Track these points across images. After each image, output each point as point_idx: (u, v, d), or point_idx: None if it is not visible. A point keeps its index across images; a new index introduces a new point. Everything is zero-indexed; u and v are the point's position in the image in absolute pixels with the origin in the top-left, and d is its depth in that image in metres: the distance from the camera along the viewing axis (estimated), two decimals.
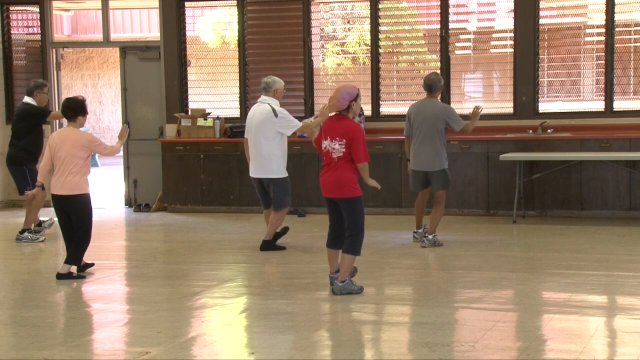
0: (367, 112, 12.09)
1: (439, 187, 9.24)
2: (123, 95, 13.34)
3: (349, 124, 6.95)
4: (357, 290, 7.03)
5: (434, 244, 9.16)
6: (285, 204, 9.21)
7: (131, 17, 18.66)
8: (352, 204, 6.94)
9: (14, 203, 13.28)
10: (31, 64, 13.49)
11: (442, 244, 9.21)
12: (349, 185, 6.91)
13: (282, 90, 9.29)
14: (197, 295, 7.20)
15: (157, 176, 12.75)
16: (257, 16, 12.70)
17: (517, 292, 7.18)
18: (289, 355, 5.47)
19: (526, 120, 11.58)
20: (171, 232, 10.95)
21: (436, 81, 9.21)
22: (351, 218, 6.97)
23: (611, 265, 8.15)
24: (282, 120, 9.06)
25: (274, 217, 9.20)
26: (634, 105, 11.56)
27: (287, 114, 9.16)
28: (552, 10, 12.47)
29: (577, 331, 5.91)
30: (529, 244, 9.45)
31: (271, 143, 9.08)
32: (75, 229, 7.96)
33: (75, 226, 7.97)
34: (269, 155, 9.10)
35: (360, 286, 7.10)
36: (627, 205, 10.88)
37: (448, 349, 5.50)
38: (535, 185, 11.15)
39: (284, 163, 9.17)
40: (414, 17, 12.51)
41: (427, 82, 9.25)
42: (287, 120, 9.10)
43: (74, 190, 7.92)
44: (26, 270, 8.76)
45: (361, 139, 6.91)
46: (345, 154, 6.90)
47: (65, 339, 6.03)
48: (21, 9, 13.54)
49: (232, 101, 12.83)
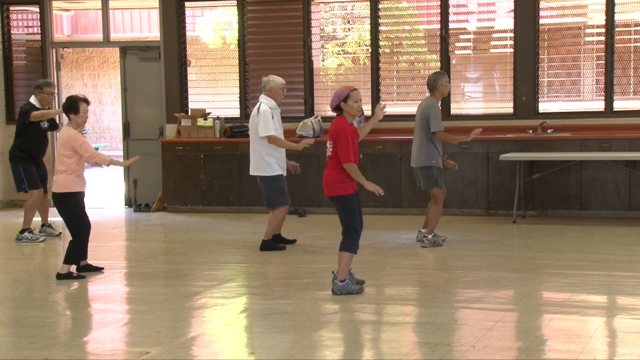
0: (367, 112, 12.07)
1: (424, 185, 9.24)
2: (123, 95, 13.34)
3: (336, 123, 7.06)
4: (356, 290, 7.03)
5: (433, 244, 9.15)
6: (277, 202, 9.18)
7: (131, 17, 18.67)
8: (338, 202, 7.04)
9: (14, 203, 13.29)
10: (31, 64, 13.50)
11: (442, 244, 9.20)
12: (335, 183, 7.01)
13: (278, 90, 9.24)
14: (197, 295, 7.19)
15: (157, 176, 12.75)
16: (257, 16, 12.70)
17: (517, 292, 7.18)
18: (289, 355, 5.47)
19: (526, 120, 11.58)
20: (171, 232, 10.95)
21: (431, 80, 9.21)
22: (341, 216, 7.06)
23: (611, 265, 8.15)
24: (260, 120, 9.08)
25: (271, 216, 9.23)
26: (634, 105, 11.56)
27: (267, 116, 9.05)
28: (552, 10, 12.47)
29: (577, 331, 5.91)
30: (529, 244, 9.45)
31: (261, 141, 9.11)
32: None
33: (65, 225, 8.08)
34: (259, 153, 9.15)
35: (360, 286, 7.10)
36: (627, 205, 10.88)
37: (448, 349, 5.50)
38: (535, 185, 11.15)
39: (273, 161, 9.14)
40: (414, 17, 12.51)
41: (426, 81, 9.30)
42: (262, 123, 9.06)
43: (59, 188, 7.94)
44: (26, 270, 8.76)
45: (342, 139, 6.94)
46: (333, 153, 7.02)
47: (65, 339, 6.03)
48: (21, 9, 13.54)
49: (232, 101, 12.84)
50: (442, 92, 9.21)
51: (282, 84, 9.33)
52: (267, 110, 9.10)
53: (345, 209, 7.01)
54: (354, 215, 7.02)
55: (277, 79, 9.32)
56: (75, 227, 8.00)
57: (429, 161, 9.13)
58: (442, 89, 9.18)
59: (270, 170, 9.14)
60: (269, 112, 9.09)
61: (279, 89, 9.27)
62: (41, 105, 10.20)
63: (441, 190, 9.23)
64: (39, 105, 10.19)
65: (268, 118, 9.06)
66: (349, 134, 6.97)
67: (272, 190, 9.17)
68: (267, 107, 9.14)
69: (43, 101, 10.22)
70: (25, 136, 10.17)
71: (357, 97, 7.05)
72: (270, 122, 9.07)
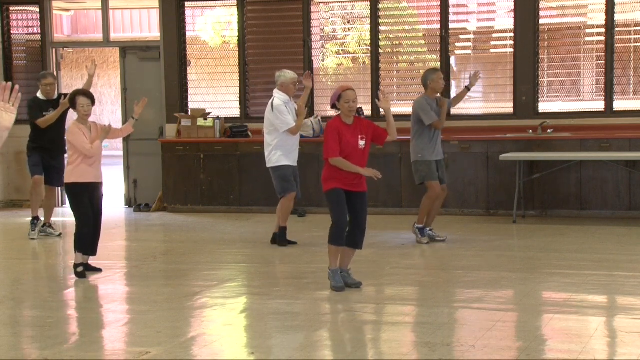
0: (367, 112, 12.08)
1: (415, 179, 9.44)
2: (123, 95, 13.34)
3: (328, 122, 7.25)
4: (333, 285, 7.12)
5: (415, 234, 9.25)
6: (282, 190, 9.35)
7: (131, 17, 18.66)
8: (325, 197, 7.28)
9: (14, 203, 13.28)
10: (31, 64, 13.49)
11: (423, 241, 9.24)
12: (323, 181, 7.23)
13: (289, 84, 9.34)
14: (197, 295, 7.19)
15: (157, 176, 12.75)
16: (257, 16, 12.69)
17: (517, 292, 7.18)
18: (289, 355, 5.47)
19: (526, 120, 11.58)
20: (171, 232, 10.95)
21: (423, 77, 9.39)
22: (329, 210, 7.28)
23: (611, 265, 8.14)
24: (275, 117, 9.27)
25: (278, 206, 9.42)
26: (634, 105, 11.56)
27: (283, 111, 9.25)
28: (552, 10, 12.46)
29: (577, 331, 5.91)
30: (529, 244, 9.45)
31: (270, 135, 9.36)
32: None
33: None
34: (268, 145, 9.39)
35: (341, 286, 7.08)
36: (627, 205, 10.88)
37: (448, 349, 5.49)
38: (535, 185, 11.15)
39: (280, 153, 9.29)
40: (414, 17, 12.51)
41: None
42: (279, 119, 9.27)
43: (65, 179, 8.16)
44: (26, 270, 8.76)
45: (325, 135, 7.15)
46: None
47: (65, 339, 6.03)
48: (21, 9, 13.54)
49: (232, 101, 12.83)
50: (434, 87, 9.29)
51: (293, 79, 9.40)
52: (280, 104, 9.27)
53: (328, 203, 7.22)
54: (335, 209, 7.13)
55: (289, 73, 9.40)
56: (76, 219, 8.04)
57: (415, 155, 9.34)
58: (432, 84, 9.27)
59: (276, 161, 9.34)
60: (283, 106, 9.26)
61: (289, 84, 9.35)
62: (44, 96, 10.30)
63: (434, 182, 9.28)
64: (42, 96, 10.31)
65: (284, 112, 9.25)
66: (334, 130, 7.06)
67: (278, 179, 9.38)
68: (281, 101, 9.29)
69: (44, 93, 10.33)
70: (32, 127, 10.33)
71: (348, 97, 7.09)
72: (287, 115, 9.28)
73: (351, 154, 7.08)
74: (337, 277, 7.17)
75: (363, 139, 7.14)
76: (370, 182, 7.33)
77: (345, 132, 7.09)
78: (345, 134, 7.08)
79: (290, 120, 9.30)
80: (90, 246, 8.08)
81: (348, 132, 7.10)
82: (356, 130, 7.14)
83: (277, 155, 9.32)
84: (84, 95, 8.03)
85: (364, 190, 7.23)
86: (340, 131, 7.06)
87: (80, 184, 7.97)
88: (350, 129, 7.11)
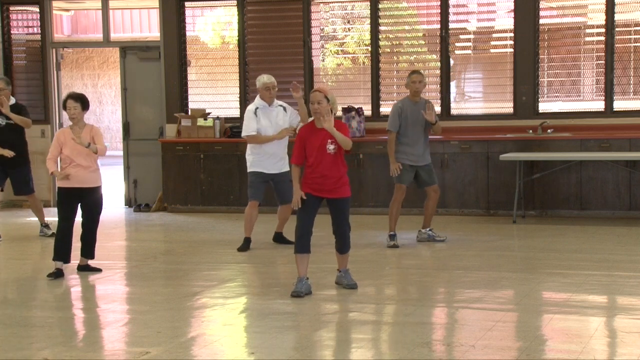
0: (367, 112, 12.08)
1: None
2: (123, 95, 13.34)
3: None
4: (294, 289, 6.97)
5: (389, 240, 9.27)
6: (248, 195, 9.37)
7: (131, 17, 18.68)
8: None
9: (14, 203, 13.27)
10: (31, 64, 13.50)
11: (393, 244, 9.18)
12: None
13: (261, 90, 9.16)
14: (197, 295, 7.19)
15: (157, 176, 12.76)
16: (257, 16, 12.70)
17: (517, 292, 7.18)
18: (289, 355, 5.47)
19: (526, 120, 11.58)
20: (171, 232, 10.95)
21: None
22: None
23: (611, 265, 8.14)
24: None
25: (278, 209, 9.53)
26: (634, 105, 11.56)
27: (248, 116, 9.16)
28: (552, 10, 12.47)
29: (577, 331, 5.91)
30: (529, 244, 9.45)
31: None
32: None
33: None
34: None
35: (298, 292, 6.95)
36: (627, 205, 10.88)
37: (448, 349, 5.49)
38: (535, 185, 11.15)
39: (251, 158, 9.26)
40: (414, 17, 12.51)
41: None
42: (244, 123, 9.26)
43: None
44: (26, 270, 8.76)
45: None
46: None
47: (65, 339, 6.02)
48: (21, 9, 13.54)
49: (232, 101, 12.84)
50: (410, 89, 9.23)
51: (265, 84, 9.14)
52: (250, 109, 9.21)
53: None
54: (298, 214, 7.05)
55: (262, 78, 9.21)
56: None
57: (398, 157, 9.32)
58: (409, 87, 9.23)
59: (249, 166, 9.34)
60: (252, 112, 9.16)
61: (262, 89, 9.18)
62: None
63: (401, 185, 9.29)
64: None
65: (248, 117, 9.17)
66: (299, 137, 7.02)
67: (248, 185, 9.39)
68: (253, 105, 9.22)
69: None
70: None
71: (312, 99, 6.91)
72: (251, 122, 9.12)
73: (319, 159, 6.90)
74: (299, 283, 7.02)
75: (333, 142, 6.89)
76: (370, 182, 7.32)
77: (313, 137, 6.92)
78: (311, 139, 6.92)
79: (252, 127, 9.09)
80: (60, 252, 8.05)
81: (316, 137, 6.91)
82: (327, 135, 6.87)
83: (250, 160, 9.29)
84: (72, 98, 7.99)
85: (342, 196, 7.05)
86: (305, 137, 6.96)
87: (65, 188, 7.99)
88: (320, 134, 6.90)
